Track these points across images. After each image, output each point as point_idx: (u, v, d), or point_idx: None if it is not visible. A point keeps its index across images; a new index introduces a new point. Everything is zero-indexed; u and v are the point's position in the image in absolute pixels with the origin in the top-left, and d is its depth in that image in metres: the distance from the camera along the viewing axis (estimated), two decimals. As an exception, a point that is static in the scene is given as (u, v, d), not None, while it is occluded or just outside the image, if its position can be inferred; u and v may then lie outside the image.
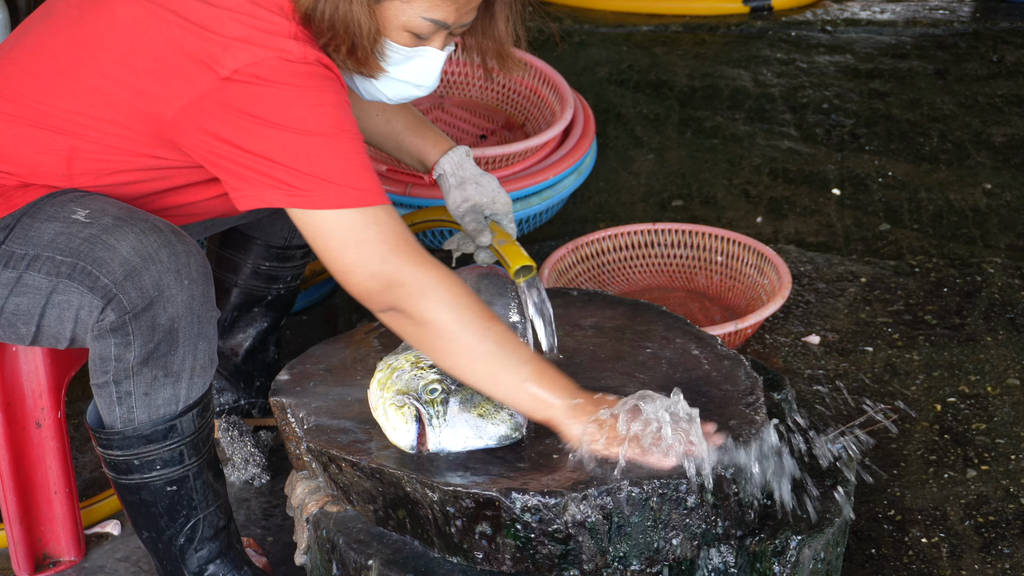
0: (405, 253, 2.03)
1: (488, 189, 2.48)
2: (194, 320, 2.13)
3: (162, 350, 2.12)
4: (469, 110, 3.91)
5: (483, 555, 1.98)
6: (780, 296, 3.05)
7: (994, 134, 4.23)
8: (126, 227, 2.10)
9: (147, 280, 2.08)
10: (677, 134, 4.26)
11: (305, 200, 2.02)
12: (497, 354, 2.03)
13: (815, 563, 2.06)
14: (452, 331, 2.02)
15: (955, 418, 2.89)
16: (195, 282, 2.12)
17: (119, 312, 2.08)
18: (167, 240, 2.10)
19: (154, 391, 2.15)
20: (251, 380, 2.84)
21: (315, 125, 2.02)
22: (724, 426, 2.09)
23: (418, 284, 2.02)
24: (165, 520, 2.25)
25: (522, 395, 2.03)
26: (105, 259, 2.08)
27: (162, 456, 2.20)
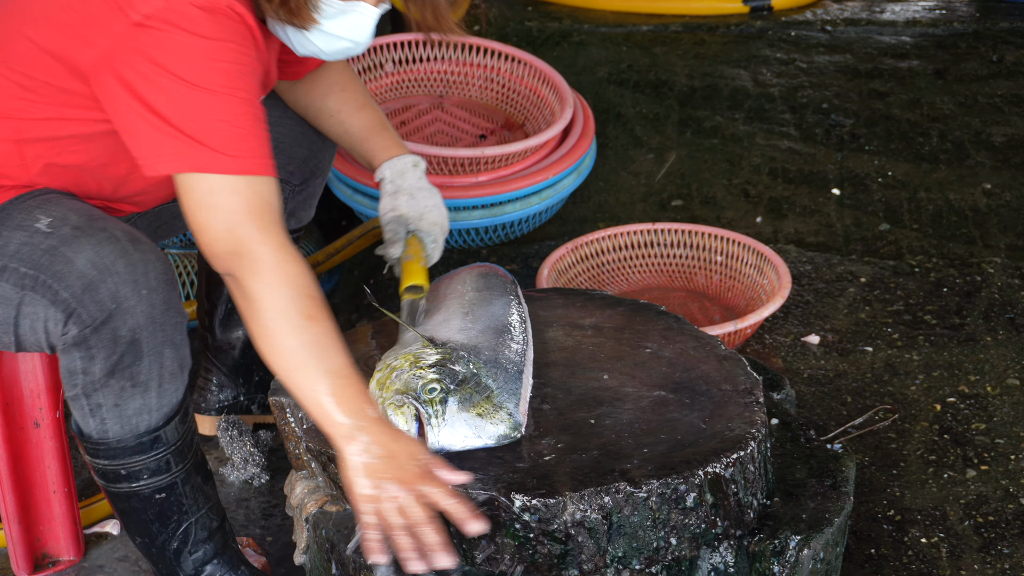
0: (253, 227, 2.00)
1: (421, 204, 2.47)
2: (156, 329, 2.10)
3: (126, 361, 2.10)
4: (469, 110, 3.91)
5: (482, 555, 1.98)
6: (780, 296, 3.05)
7: (994, 134, 4.23)
8: (83, 238, 2.08)
9: (104, 293, 2.06)
10: (677, 134, 4.26)
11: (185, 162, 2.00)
12: (302, 354, 1.97)
13: (814, 563, 2.06)
14: (268, 316, 1.98)
15: (955, 418, 2.89)
16: (154, 291, 2.09)
17: (80, 326, 2.07)
18: (124, 250, 2.08)
19: (123, 402, 2.14)
20: (250, 375, 2.84)
21: (208, 80, 1.99)
22: (724, 426, 2.09)
23: (255, 260, 1.99)
24: (157, 526, 2.25)
25: (310, 403, 1.97)
26: (63, 272, 2.06)
27: (148, 466, 2.20)
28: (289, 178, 2.61)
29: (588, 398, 2.18)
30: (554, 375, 2.26)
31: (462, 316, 2.27)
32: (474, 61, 3.92)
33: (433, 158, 3.45)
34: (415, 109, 3.88)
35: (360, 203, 3.54)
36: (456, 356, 2.09)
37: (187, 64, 1.99)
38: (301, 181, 2.64)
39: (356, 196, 3.55)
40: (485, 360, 2.11)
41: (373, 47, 3.83)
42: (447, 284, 2.43)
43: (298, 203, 2.67)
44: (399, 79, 3.90)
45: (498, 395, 2.06)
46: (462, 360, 2.09)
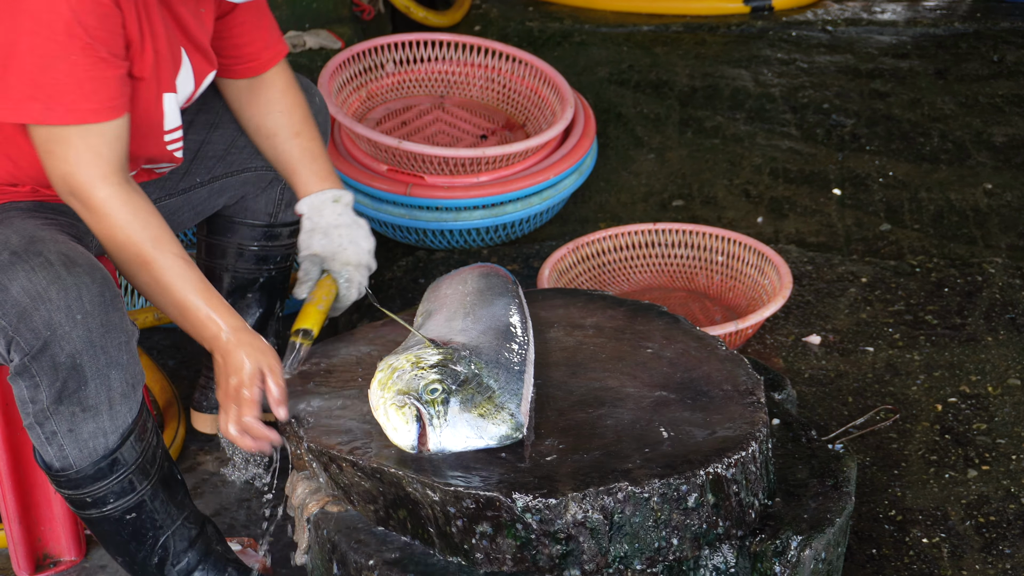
0: (84, 175, 2.11)
1: (335, 242, 2.49)
2: (97, 352, 2.09)
3: (71, 387, 2.09)
4: (470, 110, 3.91)
5: (484, 555, 1.98)
6: (781, 296, 3.05)
7: (995, 134, 4.23)
8: (18, 265, 2.07)
9: (38, 321, 2.05)
10: (678, 134, 4.26)
11: (16, 113, 2.09)
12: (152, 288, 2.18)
13: (816, 563, 2.06)
14: (113, 255, 2.16)
15: (956, 418, 2.89)
16: (89, 315, 2.07)
17: (20, 354, 2.07)
18: (56, 275, 2.06)
19: (76, 427, 2.13)
20: None
21: (48, 27, 2.02)
22: (726, 427, 2.09)
23: (90, 207, 2.13)
24: (134, 545, 2.25)
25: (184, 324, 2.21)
26: (1, 300, 2.06)
27: (112, 489, 2.19)
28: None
29: (589, 398, 2.18)
30: (555, 375, 2.26)
31: (463, 316, 2.27)
32: (475, 61, 3.92)
33: (434, 158, 3.45)
34: (416, 109, 3.88)
35: (361, 203, 3.54)
36: (458, 356, 2.09)
37: (18, 3, 2.01)
38: None
39: (357, 196, 3.55)
40: (487, 360, 2.11)
41: (374, 47, 3.84)
42: (448, 284, 2.43)
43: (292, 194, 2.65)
44: (400, 79, 3.90)
45: (500, 395, 2.06)
46: (464, 360, 2.09)
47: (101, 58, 2.07)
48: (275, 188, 2.64)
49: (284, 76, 2.55)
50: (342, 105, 3.70)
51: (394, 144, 3.41)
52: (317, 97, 2.67)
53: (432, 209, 3.49)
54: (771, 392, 2.46)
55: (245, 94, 2.54)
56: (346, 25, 4.20)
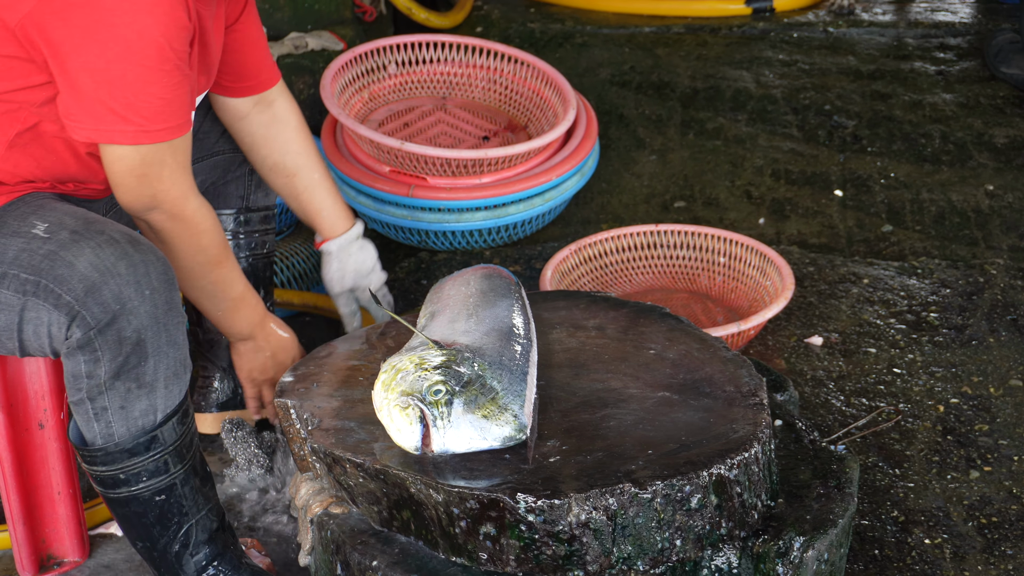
0: (162, 185, 2.21)
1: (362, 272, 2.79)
2: (160, 329, 2.12)
3: (132, 363, 2.12)
4: (472, 111, 3.91)
5: (487, 556, 1.98)
6: (783, 297, 3.05)
7: (996, 135, 4.23)
8: (83, 242, 2.10)
9: (107, 295, 2.08)
10: (679, 135, 4.27)
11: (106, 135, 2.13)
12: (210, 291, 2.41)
13: (819, 564, 2.06)
14: (183, 261, 2.32)
15: (958, 419, 2.89)
16: (156, 291, 2.11)
17: (84, 328, 2.09)
18: (124, 252, 2.10)
19: (129, 404, 2.15)
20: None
21: (141, 53, 2.07)
22: (728, 428, 2.09)
23: (164, 215, 2.25)
24: (158, 529, 2.25)
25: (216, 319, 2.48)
26: (65, 276, 2.08)
27: (147, 467, 2.20)
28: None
29: (593, 399, 2.19)
30: (558, 377, 2.26)
31: (466, 318, 2.27)
32: (477, 63, 3.92)
33: (436, 160, 3.45)
34: (418, 110, 3.89)
35: (363, 204, 3.54)
36: (461, 358, 2.09)
37: (109, 30, 2.04)
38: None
39: (359, 198, 3.55)
40: (490, 362, 2.11)
41: (376, 48, 3.84)
42: (451, 285, 2.44)
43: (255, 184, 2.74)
44: (402, 81, 3.90)
45: (503, 397, 2.06)
46: (467, 362, 2.09)
47: (184, 75, 2.14)
48: (243, 169, 2.69)
49: (294, 110, 2.67)
50: (344, 107, 3.70)
51: (396, 145, 3.41)
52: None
53: (434, 210, 3.50)
54: (773, 393, 2.46)
55: (259, 130, 2.63)
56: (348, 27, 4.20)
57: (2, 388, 2.36)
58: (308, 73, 3.90)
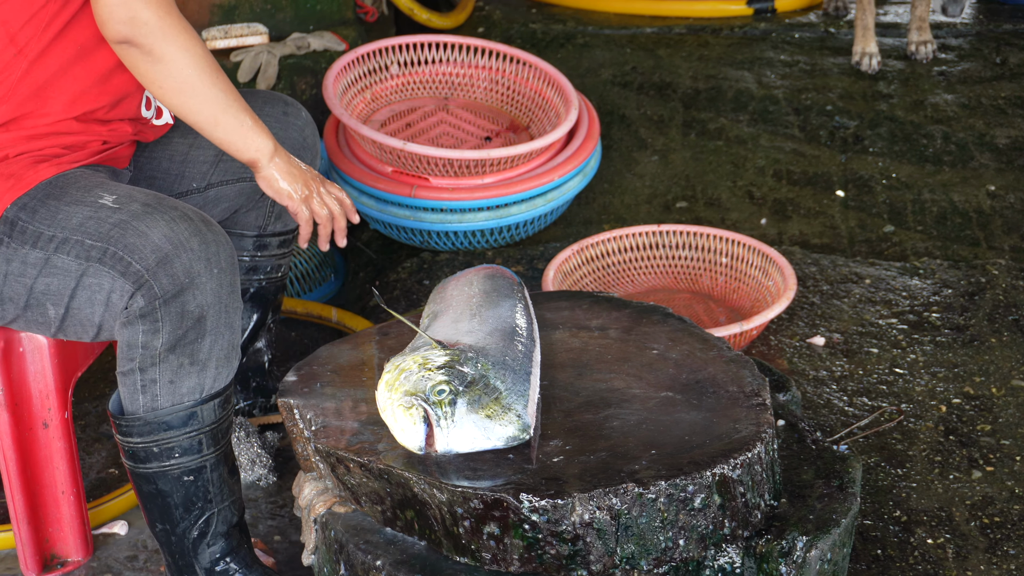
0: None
1: None
2: (222, 309, 2.17)
3: (190, 338, 2.15)
4: (474, 112, 3.91)
5: (491, 556, 1.99)
6: (785, 298, 3.06)
7: (997, 136, 4.23)
8: (156, 214, 2.14)
9: (178, 267, 2.12)
10: (681, 136, 4.27)
11: None
12: (222, 99, 2.24)
13: (822, 564, 2.06)
14: (189, 72, 2.20)
15: (960, 419, 2.89)
16: (224, 271, 2.16)
17: (149, 298, 2.12)
18: (197, 228, 2.14)
19: (179, 379, 2.18)
20: (247, 381, 2.85)
21: None
22: (731, 428, 2.10)
23: (162, 25, 2.16)
24: (180, 511, 2.26)
25: (238, 136, 2.28)
26: (137, 245, 2.12)
27: (181, 443, 2.22)
28: None
29: (596, 399, 2.19)
30: (561, 377, 2.26)
31: (469, 318, 2.27)
32: (479, 63, 3.92)
33: (439, 160, 3.46)
34: (421, 111, 3.89)
35: (365, 204, 3.55)
36: (465, 358, 2.09)
37: None
38: None
39: (361, 198, 3.56)
40: (493, 362, 2.11)
41: (379, 49, 3.84)
42: (454, 286, 2.44)
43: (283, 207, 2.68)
44: (405, 81, 3.91)
45: (507, 397, 2.06)
46: (470, 362, 2.09)
47: None
48: (266, 201, 2.67)
49: None
50: (347, 107, 3.70)
51: (399, 146, 3.42)
52: (303, 112, 2.70)
53: (437, 211, 3.50)
54: (776, 393, 2.47)
55: None
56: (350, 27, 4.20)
57: (7, 387, 2.36)
58: (310, 73, 3.91)
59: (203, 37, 3.88)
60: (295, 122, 2.66)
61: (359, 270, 3.68)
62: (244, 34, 3.93)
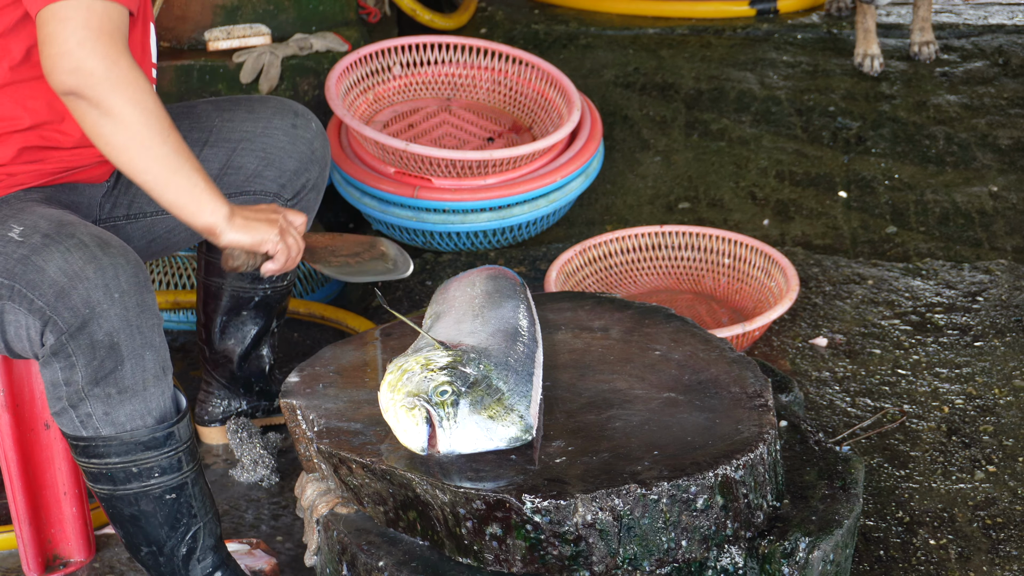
0: (105, 45, 2.03)
1: None
2: (134, 332, 2.11)
3: (108, 367, 2.11)
4: (476, 112, 3.91)
5: (493, 556, 1.99)
6: (787, 298, 3.06)
7: (1000, 137, 4.23)
8: (52, 246, 2.09)
9: (76, 299, 2.07)
10: (684, 136, 4.27)
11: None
12: (174, 158, 2.10)
13: (824, 564, 2.06)
14: (137, 128, 2.06)
15: (962, 420, 2.89)
16: (126, 294, 2.10)
17: (56, 333, 2.09)
18: (92, 255, 2.09)
19: (113, 409, 2.14)
20: (250, 386, 2.85)
21: None
22: (734, 429, 2.10)
23: (111, 76, 2.03)
24: (166, 530, 2.24)
25: (190, 199, 2.13)
26: (36, 281, 2.08)
27: (160, 463, 2.20)
28: (280, 191, 2.60)
29: (598, 400, 2.19)
30: (564, 378, 2.26)
31: (472, 319, 2.27)
32: (482, 64, 3.92)
33: (441, 161, 3.46)
34: (423, 112, 3.89)
35: (368, 205, 3.55)
36: (467, 359, 2.09)
37: None
38: (292, 195, 2.62)
39: (364, 199, 3.56)
40: (496, 363, 2.11)
41: (381, 50, 3.84)
42: (456, 286, 2.44)
43: None
44: (407, 82, 3.91)
45: (509, 397, 2.06)
46: (473, 363, 2.09)
47: None
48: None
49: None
50: (349, 108, 3.70)
51: (401, 147, 3.42)
52: (313, 123, 2.65)
53: (439, 211, 3.50)
54: (778, 394, 2.47)
55: None
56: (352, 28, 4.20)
57: (8, 389, 2.36)
58: (313, 74, 3.91)
59: (205, 38, 3.88)
60: (304, 135, 2.60)
61: (361, 271, 3.68)
62: (247, 35, 3.93)
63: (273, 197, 2.58)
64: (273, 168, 2.56)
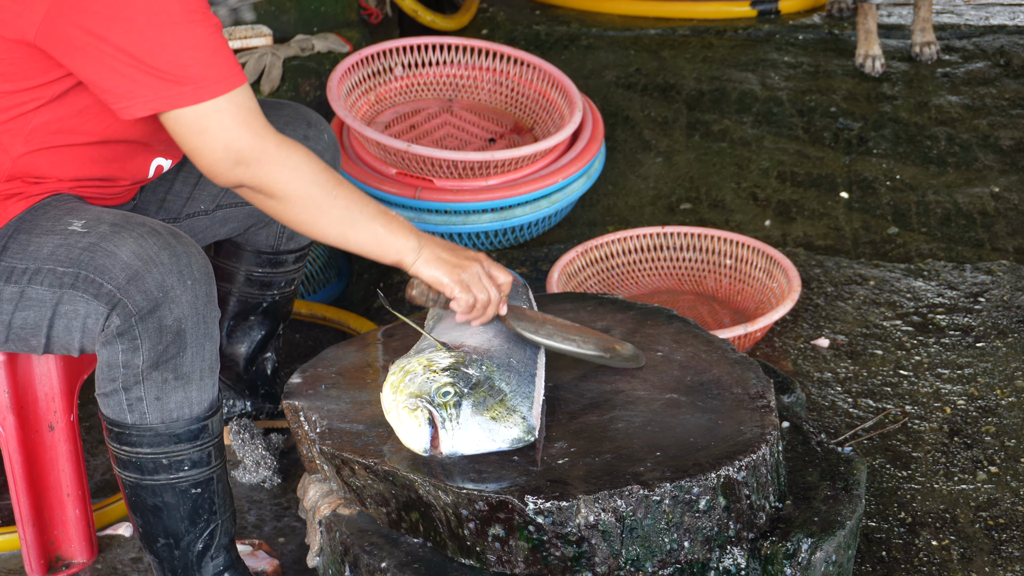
0: (248, 135, 2.07)
1: None
2: (200, 321, 2.13)
3: (171, 352, 2.12)
4: (478, 113, 3.92)
5: (496, 557, 1.99)
6: (789, 299, 3.06)
7: (1001, 137, 4.23)
8: (124, 232, 2.10)
9: (150, 283, 2.08)
10: (685, 137, 4.27)
11: (166, 102, 2.03)
12: (347, 216, 2.14)
13: (827, 565, 2.06)
14: (304, 203, 2.11)
15: (964, 420, 2.89)
16: (198, 282, 2.12)
17: (124, 316, 2.09)
18: (166, 242, 2.11)
19: (165, 395, 2.15)
20: (255, 388, 2.85)
21: (165, 9, 1.99)
22: (736, 430, 2.10)
23: (265, 162, 2.08)
24: (186, 524, 2.24)
25: (374, 246, 2.17)
26: (106, 266, 2.08)
27: (191, 456, 2.20)
28: None
29: (600, 401, 2.19)
30: (566, 379, 2.26)
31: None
32: (483, 65, 3.92)
33: (443, 162, 3.46)
34: (425, 113, 3.89)
35: (370, 207, 3.54)
36: (469, 360, 2.10)
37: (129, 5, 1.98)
38: None
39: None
40: (498, 364, 2.12)
41: (383, 51, 3.85)
42: (458, 288, 2.44)
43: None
44: (409, 83, 3.91)
45: (511, 399, 2.07)
46: (475, 364, 2.09)
47: (214, 27, 2.06)
48: (276, 223, 2.64)
49: None
50: (351, 109, 3.71)
51: (403, 148, 3.42)
52: (326, 134, 2.64)
53: (441, 212, 3.50)
54: (780, 395, 2.47)
55: None
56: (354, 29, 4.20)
57: (13, 391, 2.36)
58: (314, 75, 3.91)
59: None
60: (315, 145, 2.58)
61: (363, 272, 3.68)
62: (248, 36, 3.93)
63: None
64: None
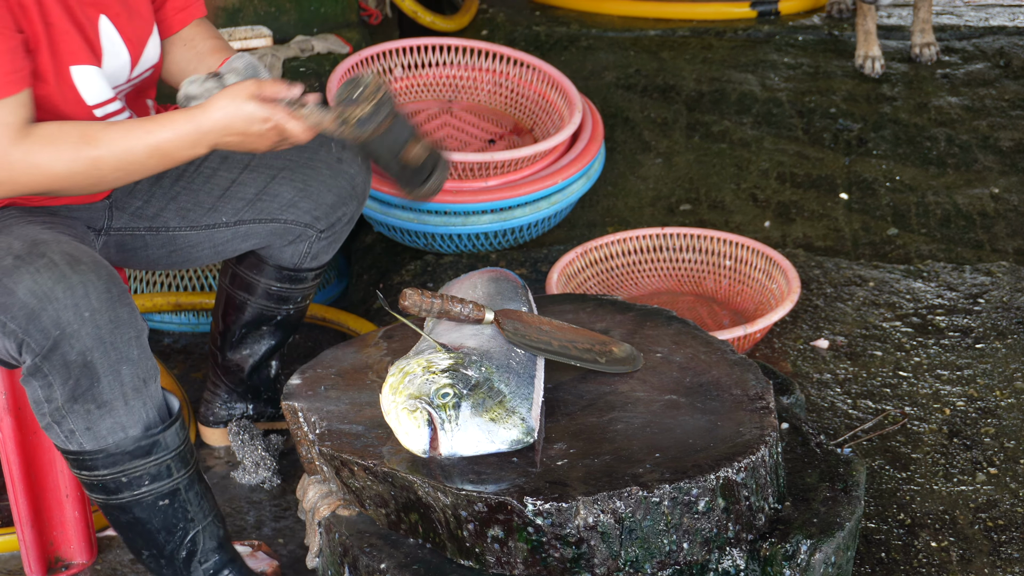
0: None
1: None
2: (107, 349, 2.10)
3: (84, 385, 2.11)
4: (478, 115, 3.92)
5: (495, 559, 1.99)
6: (789, 300, 3.06)
7: (1001, 138, 4.23)
8: (22, 268, 2.09)
9: (46, 321, 2.07)
10: (685, 138, 4.27)
11: None
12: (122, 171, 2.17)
13: (826, 567, 2.06)
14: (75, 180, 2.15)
15: (964, 422, 2.89)
16: (97, 312, 2.09)
17: (31, 355, 2.09)
18: (61, 275, 2.08)
19: (94, 424, 2.14)
20: (258, 393, 2.85)
21: None
22: (735, 431, 2.10)
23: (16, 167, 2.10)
24: (163, 535, 2.25)
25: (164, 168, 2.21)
26: (8, 304, 2.08)
27: (149, 471, 2.20)
28: (314, 223, 2.60)
29: (600, 403, 2.19)
30: (565, 380, 2.26)
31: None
32: (483, 66, 3.92)
33: (442, 163, 3.46)
34: (425, 114, 3.89)
35: (369, 207, 3.55)
36: (469, 361, 2.10)
37: None
38: (326, 227, 2.63)
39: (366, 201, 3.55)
40: (497, 365, 2.11)
41: (382, 52, 3.85)
42: (458, 288, 2.44)
43: (321, 247, 2.66)
44: (409, 84, 3.91)
45: (511, 400, 2.07)
46: (475, 365, 2.09)
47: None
48: (302, 243, 2.63)
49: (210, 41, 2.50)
50: (350, 110, 3.70)
51: (403, 149, 3.41)
52: (359, 160, 2.63)
53: (440, 213, 3.50)
54: (779, 396, 2.47)
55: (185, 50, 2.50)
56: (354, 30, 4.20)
57: (10, 392, 2.36)
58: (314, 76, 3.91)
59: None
60: (347, 169, 2.59)
61: (363, 273, 3.68)
62: (248, 37, 3.93)
63: (304, 227, 2.58)
64: (309, 200, 2.56)
